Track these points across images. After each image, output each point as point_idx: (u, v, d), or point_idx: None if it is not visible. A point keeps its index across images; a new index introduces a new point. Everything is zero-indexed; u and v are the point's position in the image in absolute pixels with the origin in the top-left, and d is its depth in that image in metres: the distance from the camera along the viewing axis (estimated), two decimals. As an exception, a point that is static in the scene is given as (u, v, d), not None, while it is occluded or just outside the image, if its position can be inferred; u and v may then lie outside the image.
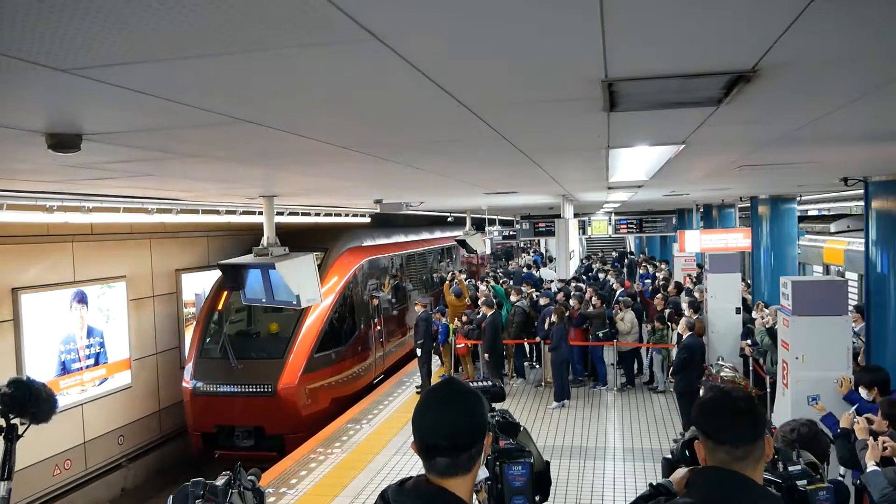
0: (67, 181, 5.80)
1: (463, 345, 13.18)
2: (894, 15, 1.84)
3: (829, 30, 1.93)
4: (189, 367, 11.57)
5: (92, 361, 10.61)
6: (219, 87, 2.36)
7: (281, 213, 11.10)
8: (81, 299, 10.45)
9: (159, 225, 10.98)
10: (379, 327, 14.64)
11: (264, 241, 6.78)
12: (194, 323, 12.56)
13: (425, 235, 21.19)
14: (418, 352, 12.93)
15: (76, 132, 3.16)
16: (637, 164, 6.26)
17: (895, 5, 1.76)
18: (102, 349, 10.85)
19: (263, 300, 6.81)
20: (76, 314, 10.34)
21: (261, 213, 7.67)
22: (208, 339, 11.87)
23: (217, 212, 9.97)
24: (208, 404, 11.24)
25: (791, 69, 2.39)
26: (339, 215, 14.56)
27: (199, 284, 13.54)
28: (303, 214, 12.46)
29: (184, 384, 11.50)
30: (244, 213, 10.53)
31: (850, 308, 8.38)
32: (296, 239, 10.93)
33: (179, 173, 5.48)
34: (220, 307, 12.15)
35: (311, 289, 6.57)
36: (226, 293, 12.00)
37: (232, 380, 11.21)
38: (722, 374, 10.23)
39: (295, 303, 6.47)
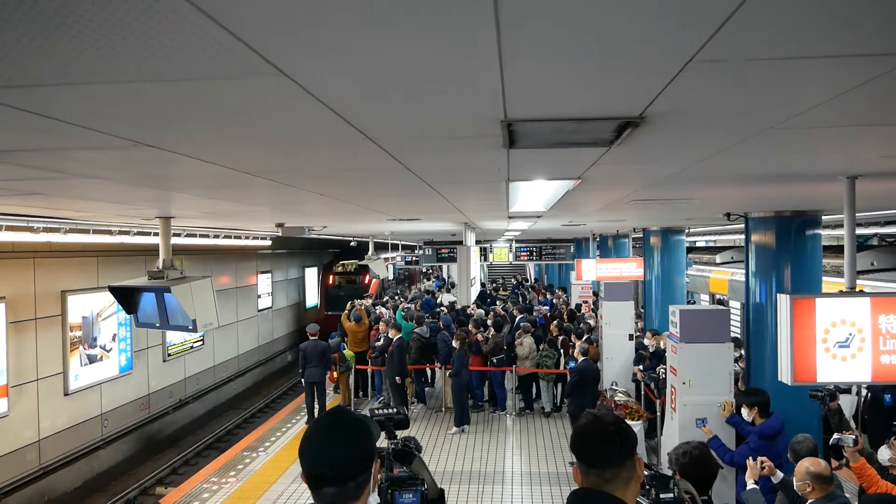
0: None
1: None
2: (756, 78, 2.04)
3: (705, 87, 2.13)
4: (319, 304, 27.44)
5: (-36, 389, 9.95)
6: (122, 111, 2.32)
7: (178, 235, 10.76)
8: (-47, 321, 9.83)
9: (45, 244, 10.42)
10: None
11: (160, 263, 6.53)
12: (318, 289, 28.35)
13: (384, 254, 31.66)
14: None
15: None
16: (536, 196, 6.46)
17: (756, 72, 1.95)
18: (-24, 375, 10.18)
19: (157, 325, 6.50)
20: (-53, 337, 9.70)
21: (156, 234, 7.41)
22: (329, 292, 26.99)
23: (109, 232, 9.56)
24: (329, 319, 22.54)
25: (674, 117, 2.58)
26: (240, 238, 14.26)
27: (87, 307, 12.91)
28: (201, 236, 12.13)
29: (322, 310, 26.68)
30: (138, 233, 10.15)
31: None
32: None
33: (72, 193, 5.26)
34: (332, 281, 27.52)
35: (209, 313, 6.29)
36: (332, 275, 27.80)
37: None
38: (615, 398, 10.60)
39: (191, 328, 6.22)
